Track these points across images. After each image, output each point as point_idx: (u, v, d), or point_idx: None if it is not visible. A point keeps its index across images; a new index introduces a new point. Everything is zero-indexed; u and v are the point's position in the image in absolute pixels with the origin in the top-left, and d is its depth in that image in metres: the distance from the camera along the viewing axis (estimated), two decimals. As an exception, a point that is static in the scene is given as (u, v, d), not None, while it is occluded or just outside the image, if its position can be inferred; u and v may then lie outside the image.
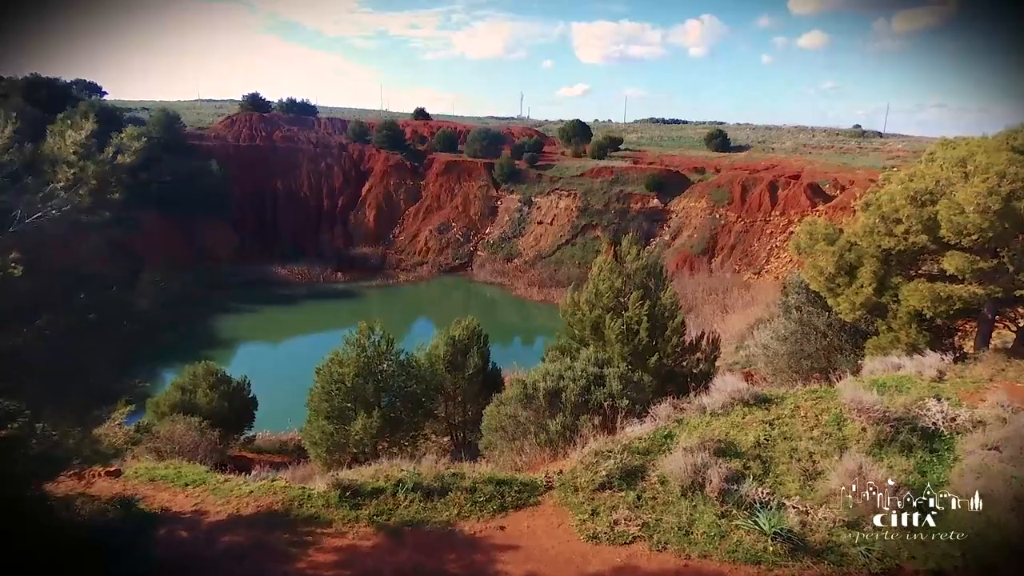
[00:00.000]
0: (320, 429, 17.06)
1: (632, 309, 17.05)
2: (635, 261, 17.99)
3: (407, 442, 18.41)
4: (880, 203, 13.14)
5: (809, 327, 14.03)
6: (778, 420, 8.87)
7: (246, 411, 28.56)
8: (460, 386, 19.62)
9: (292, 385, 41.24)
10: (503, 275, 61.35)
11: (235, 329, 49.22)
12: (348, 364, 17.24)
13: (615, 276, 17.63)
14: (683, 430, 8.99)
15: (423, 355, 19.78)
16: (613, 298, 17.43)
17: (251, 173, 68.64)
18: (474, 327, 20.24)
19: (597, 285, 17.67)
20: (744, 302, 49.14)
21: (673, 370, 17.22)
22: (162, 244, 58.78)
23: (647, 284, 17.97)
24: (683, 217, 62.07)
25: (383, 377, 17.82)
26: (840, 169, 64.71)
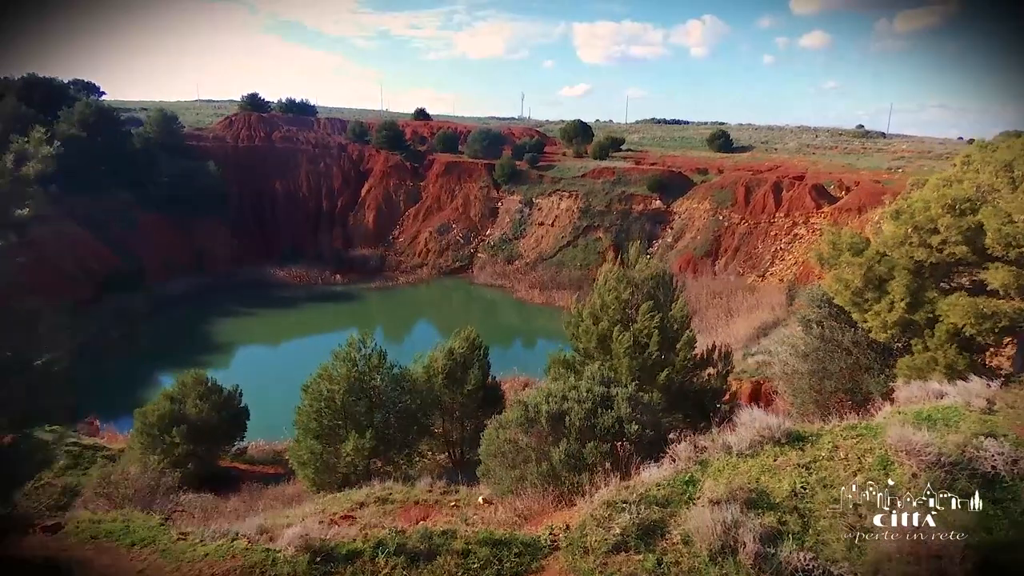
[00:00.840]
0: (308, 449, 15.91)
1: (641, 322, 15.87)
2: (643, 270, 16.80)
3: (402, 460, 17.27)
4: (913, 211, 11.96)
5: (832, 344, 12.86)
6: (815, 463, 7.69)
7: (237, 421, 27.42)
8: (459, 401, 18.44)
9: (288, 391, 40.04)
10: (504, 277, 60.16)
11: (232, 333, 48.09)
12: (338, 380, 16.09)
13: (622, 286, 16.44)
14: (707, 474, 7.81)
15: (419, 367, 18.63)
16: (620, 310, 16.24)
17: (250, 174, 67.51)
18: (474, 339, 19.07)
19: (603, 296, 16.48)
20: (749, 305, 47.91)
21: (684, 386, 16.04)
22: (159, 246, 57.72)
23: (656, 294, 16.80)
24: (686, 219, 60.84)
25: (376, 393, 16.67)
26: (845, 170, 63.48)
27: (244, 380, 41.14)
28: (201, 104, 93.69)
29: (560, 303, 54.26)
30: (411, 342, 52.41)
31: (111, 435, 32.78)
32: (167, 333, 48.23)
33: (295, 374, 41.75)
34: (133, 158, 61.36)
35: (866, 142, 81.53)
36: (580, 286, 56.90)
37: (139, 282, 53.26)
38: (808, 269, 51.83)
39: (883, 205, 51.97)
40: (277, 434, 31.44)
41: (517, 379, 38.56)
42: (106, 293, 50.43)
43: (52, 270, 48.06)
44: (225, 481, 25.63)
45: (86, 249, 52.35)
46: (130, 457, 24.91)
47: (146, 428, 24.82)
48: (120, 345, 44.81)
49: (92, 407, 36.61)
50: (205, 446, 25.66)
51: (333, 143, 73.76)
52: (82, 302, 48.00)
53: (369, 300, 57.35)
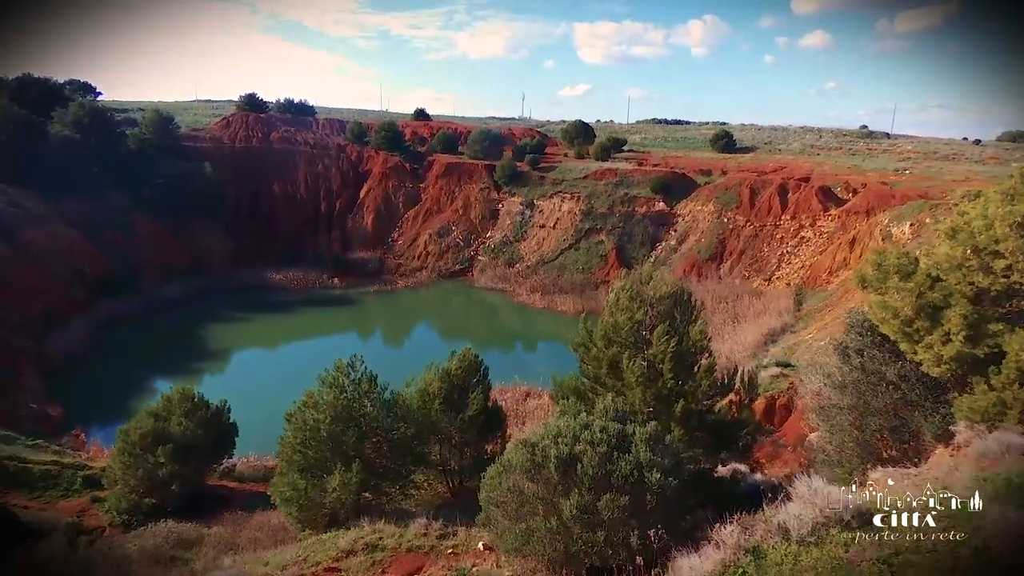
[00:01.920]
0: (291, 485, 14.33)
1: (656, 346, 14.28)
2: (659, 287, 15.20)
3: (396, 491, 15.71)
4: (973, 231, 10.39)
5: (876, 377, 11.30)
6: (897, 558, 6.11)
7: (226, 438, 25.84)
8: (457, 428, 16.86)
9: (282, 400, 38.58)
10: (504, 281, 58.54)
11: (227, 338, 46.50)
12: (324, 408, 14.51)
13: (636, 306, 14.83)
14: (763, 570, 6.24)
15: (414, 391, 17.04)
16: (633, 332, 14.64)
17: (247, 175, 65.91)
18: (472, 359, 17.46)
19: (615, 317, 14.87)
20: (755, 311, 46.32)
21: (704, 415, 14.45)
22: (154, 248, 56.15)
23: (672, 314, 15.20)
24: (690, 221, 59.19)
25: (366, 422, 15.09)
26: (851, 171, 61.83)
27: (238, 388, 39.91)
28: (199, 104, 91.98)
29: (562, 308, 52.71)
30: (411, 345, 50.99)
31: (97, 449, 31.17)
32: (161, 337, 46.63)
33: (290, 382, 40.17)
34: (128, 159, 59.78)
35: (871, 143, 79.88)
36: (582, 290, 55.40)
37: (133, 285, 51.72)
38: (815, 273, 50.25)
39: (891, 207, 50.46)
40: (271, 447, 29.90)
41: (518, 388, 36.99)
42: (99, 297, 48.87)
43: (43, 273, 46.52)
44: (213, 502, 24.11)
45: (78, 252, 50.75)
46: (111, 478, 23.42)
47: (128, 447, 23.25)
48: (112, 351, 43.30)
49: (80, 417, 35.10)
50: (191, 465, 24.08)
51: (332, 144, 72.09)
52: (74, 306, 46.51)
53: (368, 304, 55.74)
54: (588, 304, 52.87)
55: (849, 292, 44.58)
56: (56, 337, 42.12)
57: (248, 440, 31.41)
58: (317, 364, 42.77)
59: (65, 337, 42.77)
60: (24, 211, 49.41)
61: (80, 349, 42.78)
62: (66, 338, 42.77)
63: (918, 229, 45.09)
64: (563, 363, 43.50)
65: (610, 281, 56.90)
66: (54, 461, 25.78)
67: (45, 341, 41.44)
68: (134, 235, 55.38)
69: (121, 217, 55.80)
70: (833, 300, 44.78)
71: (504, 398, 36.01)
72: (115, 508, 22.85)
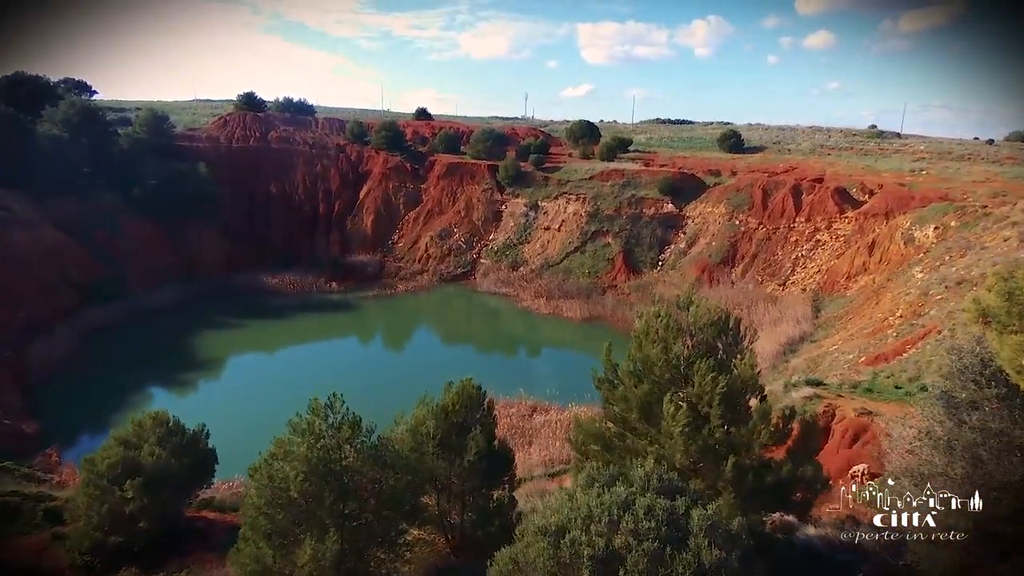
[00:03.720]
0: (254, 557, 11.51)
1: (699, 385, 11.43)
2: (700, 313, 12.34)
3: (387, 556, 12.90)
4: None
5: (1002, 440, 8.52)
6: None
7: (204, 466, 23.05)
8: (457, 474, 14.03)
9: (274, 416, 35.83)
10: (508, 284, 55.66)
11: (218, 346, 43.70)
12: (296, 460, 11.70)
13: (672, 336, 11.97)
14: None
15: (404, 431, 14.22)
16: (670, 368, 11.78)
17: (243, 176, 63.12)
18: (472, 391, 14.63)
19: (647, 349, 12.01)
20: (772, 318, 43.47)
21: (760, 471, 11.59)
22: (146, 252, 53.43)
23: (714, 344, 12.36)
24: (700, 223, 56.25)
25: (348, 475, 12.28)
26: (865, 172, 58.85)
27: (229, 400, 37.11)
28: (198, 104, 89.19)
29: (568, 313, 49.86)
30: (412, 352, 48.20)
31: (70, 471, 28.32)
32: (151, 345, 43.89)
33: (284, 393, 37.41)
34: (120, 159, 57.05)
35: (881, 142, 76.80)
36: (589, 294, 52.52)
37: (123, 290, 48.96)
38: (833, 278, 47.32)
39: (912, 209, 47.50)
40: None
41: (524, 403, 34.10)
42: (86, 303, 46.14)
43: (26, 278, 43.78)
44: (187, 537, 21.38)
45: (65, 255, 48.01)
46: (74, 513, 20.64)
47: (93, 479, 20.41)
48: (99, 360, 40.62)
49: (58, 434, 32.36)
50: (164, 498, 21.21)
51: (331, 144, 69.22)
52: (59, 313, 43.77)
53: (367, 309, 52.90)
54: (595, 310, 50.10)
55: (871, 298, 41.74)
56: (38, 346, 39.38)
57: (237, 459, 28.72)
58: (313, 373, 39.92)
59: (48, 346, 40.02)
60: (8, 213, 46.67)
61: (64, 358, 40.03)
62: (49, 347, 40.03)
63: (943, 233, 42.15)
64: (569, 372, 40.76)
65: (617, 285, 54.07)
66: (13, 492, 22.97)
67: (26, 351, 38.71)
68: (125, 238, 52.66)
69: (112, 219, 53.07)
70: (854, 307, 41.88)
71: (508, 414, 33.24)
72: (76, 548, 20.03)
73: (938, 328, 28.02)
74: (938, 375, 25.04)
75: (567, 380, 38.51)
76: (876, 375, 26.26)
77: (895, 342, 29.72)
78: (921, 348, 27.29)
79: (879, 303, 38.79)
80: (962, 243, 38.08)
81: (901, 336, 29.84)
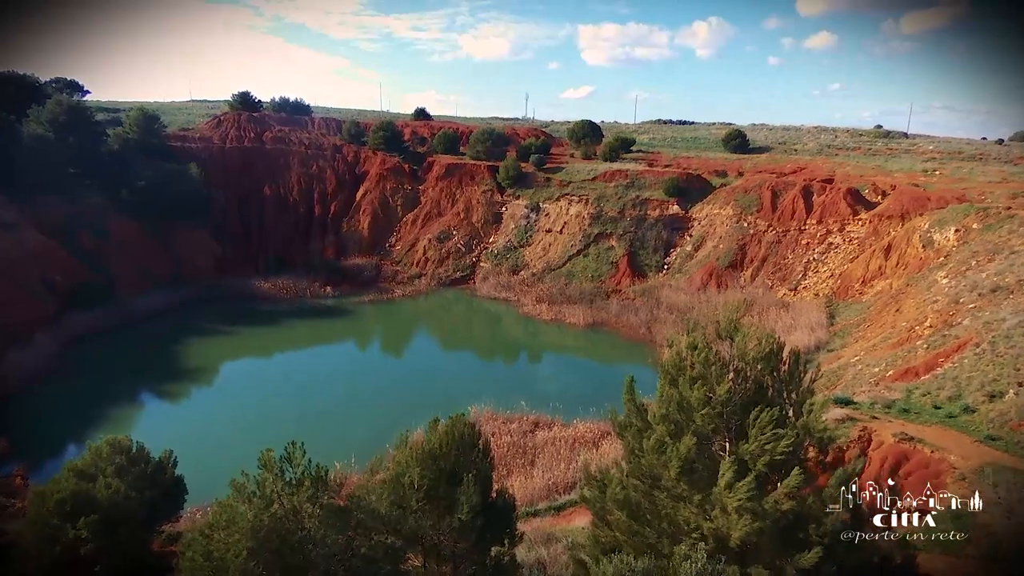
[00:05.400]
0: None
1: (755, 440, 8.78)
2: (748, 343, 9.70)
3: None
4: None
5: None
6: None
7: (170, 497, 20.43)
8: (447, 533, 11.39)
9: (261, 431, 33.17)
10: (508, 289, 52.97)
11: (206, 355, 41.07)
12: (239, 533, 9.07)
13: (716, 374, 9.33)
14: None
15: (382, 483, 11.57)
16: (716, 415, 9.14)
17: (236, 177, 60.47)
18: (464, 431, 11.99)
19: (685, 390, 9.36)
20: (784, 325, 40.76)
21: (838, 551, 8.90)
22: (134, 255, 50.78)
23: (764, 381, 9.71)
24: (706, 225, 53.57)
25: (308, 546, 9.64)
26: (876, 172, 56.22)
27: (214, 414, 34.42)
28: (194, 104, 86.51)
29: (571, 319, 47.17)
30: (408, 357, 45.52)
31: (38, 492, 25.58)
32: (136, 353, 41.32)
33: (274, 405, 34.85)
34: (108, 160, 54.40)
35: (889, 142, 74.12)
36: (592, 300, 49.80)
37: (108, 296, 46.38)
38: (847, 283, 44.65)
39: (929, 211, 44.80)
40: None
41: (525, 418, 31.37)
42: (69, 309, 43.54)
43: (5, 284, 41.19)
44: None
45: (49, 259, 45.39)
46: (21, 553, 18.03)
47: (42, 517, 17.77)
48: (80, 369, 38.04)
49: (32, 449, 29.77)
50: (124, 535, 18.52)
51: (327, 144, 66.53)
52: (39, 319, 41.15)
53: (362, 315, 50.22)
54: (598, 315, 47.39)
55: (889, 305, 39.10)
56: (14, 355, 36.76)
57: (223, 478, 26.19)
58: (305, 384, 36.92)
59: (27, 355, 37.43)
60: (-12, 216, 44.11)
61: (43, 368, 37.47)
62: (28, 356, 37.45)
63: (965, 235, 39.46)
64: (573, 382, 38.05)
65: (621, 290, 51.37)
66: (-42, 526, 20.34)
67: (2, 360, 36.13)
68: (112, 241, 50.05)
69: (99, 221, 50.46)
70: (872, 314, 39.21)
71: (509, 430, 30.58)
72: (23, 596, 17.31)
73: (975, 340, 25.36)
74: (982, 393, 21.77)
75: (571, 392, 35.98)
76: (910, 392, 23.60)
77: (926, 354, 27.05)
78: (957, 362, 24.61)
79: (900, 310, 36.12)
80: (988, 247, 35.43)
81: (932, 348, 27.17)
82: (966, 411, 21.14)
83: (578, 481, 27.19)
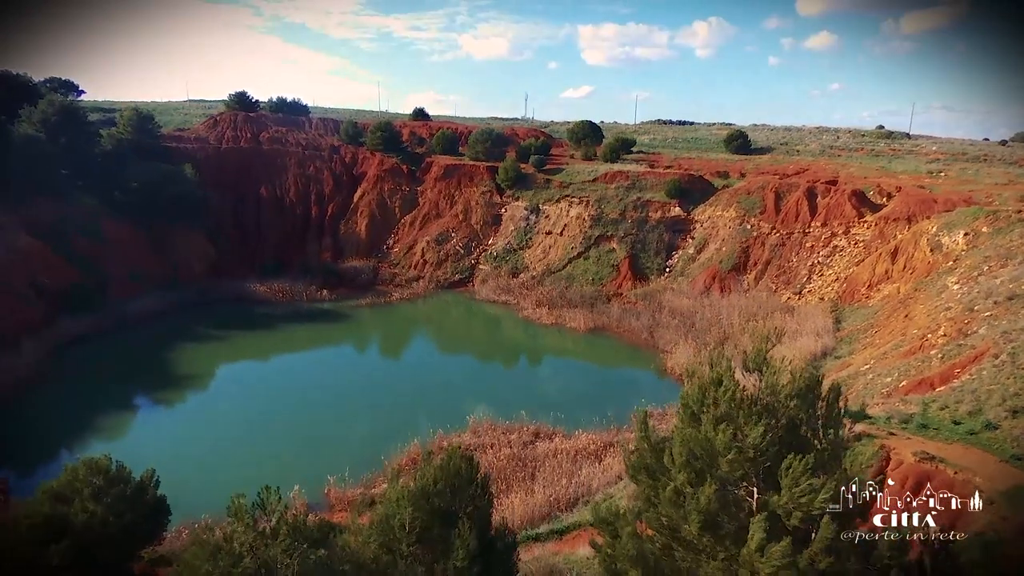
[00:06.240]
0: None
1: (787, 492, 7.63)
2: (779, 378, 8.55)
3: None
4: None
5: None
6: None
7: (153, 518, 19.23)
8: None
9: (251, 440, 31.97)
10: (508, 292, 51.77)
11: (198, 361, 39.89)
12: (203, 594, 7.91)
13: (745, 415, 8.16)
14: None
15: (369, 526, 10.41)
16: (744, 463, 7.99)
17: (232, 178, 59.19)
18: (460, 464, 10.83)
19: (708, 432, 8.20)
20: (790, 331, 39.56)
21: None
22: (127, 258, 49.51)
23: (798, 422, 8.56)
24: (709, 228, 52.40)
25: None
26: (881, 173, 55.11)
27: (205, 424, 33.21)
28: (191, 104, 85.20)
29: (572, 324, 45.99)
30: (406, 362, 44.27)
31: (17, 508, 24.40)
32: (127, 360, 40.14)
33: (266, 413, 33.60)
34: (101, 161, 53.15)
35: (892, 143, 72.98)
36: (593, 303, 48.59)
37: (100, 299, 45.11)
38: (853, 287, 43.49)
39: (936, 214, 43.64)
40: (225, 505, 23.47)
41: (526, 428, 30.18)
42: (60, 313, 42.30)
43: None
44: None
45: (39, 263, 44.12)
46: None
47: (11, 544, 16.51)
48: (69, 376, 36.85)
49: (14, 460, 28.64)
50: (102, 561, 17.32)
51: (324, 145, 65.26)
52: (27, 324, 39.89)
53: (359, 319, 48.99)
54: (599, 320, 46.19)
55: (897, 310, 37.97)
56: (1, 361, 35.56)
57: (214, 490, 24.99)
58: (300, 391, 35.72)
59: (13, 361, 36.19)
60: (-24, 218, 42.86)
61: (30, 375, 36.23)
62: (14, 362, 36.20)
63: (974, 239, 38.32)
64: (575, 389, 36.88)
65: (623, 293, 50.20)
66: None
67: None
68: (104, 243, 48.78)
69: (91, 223, 49.22)
70: (880, 320, 38.06)
71: (509, 441, 29.41)
72: (-10, 629, 16.07)
73: (993, 351, 24.22)
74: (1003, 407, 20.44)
75: (572, 399, 34.87)
76: (927, 406, 22.43)
77: (941, 365, 25.90)
78: (975, 374, 23.47)
79: (909, 315, 34.98)
80: (1000, 251, 34.29)
81: (948, 358, 26.03)
82: (988, 427, 19.99)
83: (580, 497, 26.16)
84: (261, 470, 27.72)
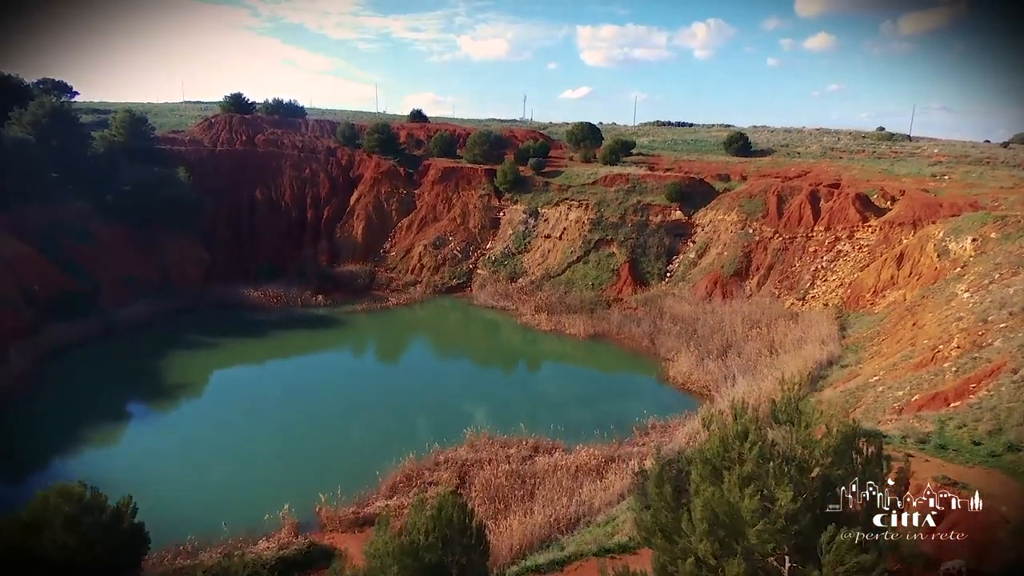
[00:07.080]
0: None
1: (830, 570, 6.50)
2: (810, 425, 7.42)
3: None
4: None
5: None
6: None
7: (130, 547, 18.15)
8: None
9: (243, 454, 30.80)
10: (506, 297, 50.63)
11: (190, 369, 38.69)
12: None
13: (771, 471, 7.04)
14: None
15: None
16: (776, 534, 6.86)
17: (227, 181, 57.96)
18: (454, 513, 9.70)
19: (734, 494, 7.08)
20: (794, 337, 38.55)
21: None
22: (119, 263, 48.27)
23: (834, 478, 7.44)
24: (710, 232, 51.29)
25: None
26: (884, 176, 54.02)
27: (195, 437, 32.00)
28: (186, 105, 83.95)
29: (571, 330, 44.86)
30: (403, 369, 43.13)
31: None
32: (117, 368, 38.96)
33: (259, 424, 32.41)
34: (92, 163, 51.90)
35: (893, 145, 71.91)
36: (592, 309, 47.45)
37: (91, 306, 43.91)
38: (857, 292, 42.40)
39: (942, 218, 42.53)
40: (215, 524, 22.32)
41: (525, 442, 29.01)
42: (48, 320, 41.08)
43: (-21, 295, 38.79)
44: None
45: (28, 268, 42.88)
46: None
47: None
48: (56, 385, 35.67)
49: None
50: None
51: (321, 147, 64.03)
52: (13, 332, 38.67)
53: (355, 325, 47.81)
54: (599, 326, 45.04)
55: (904, 318, 36.90)
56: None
57: (205, 510, 23.89)
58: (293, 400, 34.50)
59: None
60: (-38, 223, 41.62)
61: (15, 385, 35.05)
62: (0, 371, 35.04)
63: (982, 245, 37.20)
64: (575, 399, 35.76)
65: (623, 299, 49.07)
66: None
67: (-32, 377, 33.73)
68: (95, 248, 47.56)
69: (82, 228, 47.99)
70: (886, 327, 36.94)
71: (507, 456, 28.25)
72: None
73: (1011, 365, 23.11)
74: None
75: (572, 409, 33.80)
76: (943, 424, 21.26)
77: (955, 379, 24.79)
78: (993, 390, 22.32)
79: (917, 324, 33.86)
80: (1011, 259, 33.18)
81: (962, 372, 24.91)
82: (1010, 449, 18.79)
83: (582, 517, 25.02)
84: (251, 486, 26.63)
